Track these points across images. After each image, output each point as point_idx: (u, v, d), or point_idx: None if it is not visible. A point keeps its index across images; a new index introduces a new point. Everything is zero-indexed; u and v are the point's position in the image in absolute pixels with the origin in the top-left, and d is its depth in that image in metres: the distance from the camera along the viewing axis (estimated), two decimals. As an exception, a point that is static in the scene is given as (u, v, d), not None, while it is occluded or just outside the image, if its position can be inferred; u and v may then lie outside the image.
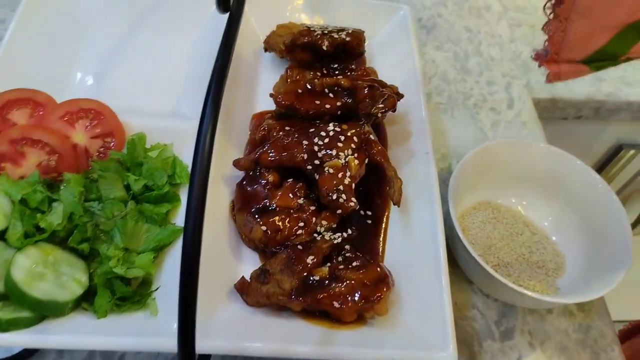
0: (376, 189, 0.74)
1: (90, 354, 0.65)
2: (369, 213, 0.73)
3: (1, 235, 0.60)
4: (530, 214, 0.82)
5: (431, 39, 1.10)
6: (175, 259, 0.65)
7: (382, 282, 0.61)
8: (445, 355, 0.58)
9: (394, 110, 0.75)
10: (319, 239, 0.66)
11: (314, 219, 0.67)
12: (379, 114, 0.72)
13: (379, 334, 0.62)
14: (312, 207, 0.67)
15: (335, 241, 0.66)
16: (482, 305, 0.74)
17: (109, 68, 0.84)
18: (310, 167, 0.68)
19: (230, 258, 0.68)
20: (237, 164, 0.71)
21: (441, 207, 0.70)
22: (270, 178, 0.69)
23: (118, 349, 0.57)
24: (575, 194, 0.78)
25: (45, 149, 0.67)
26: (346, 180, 0.66)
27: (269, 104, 0.79)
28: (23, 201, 0.62)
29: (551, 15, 0.46)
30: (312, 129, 0.72)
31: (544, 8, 0.48)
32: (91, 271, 0.62)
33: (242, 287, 0.63)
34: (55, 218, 0.61)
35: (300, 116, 0.75)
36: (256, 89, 0.87)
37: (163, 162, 0.69)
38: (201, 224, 0.41)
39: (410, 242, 0.70)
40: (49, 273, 0.59)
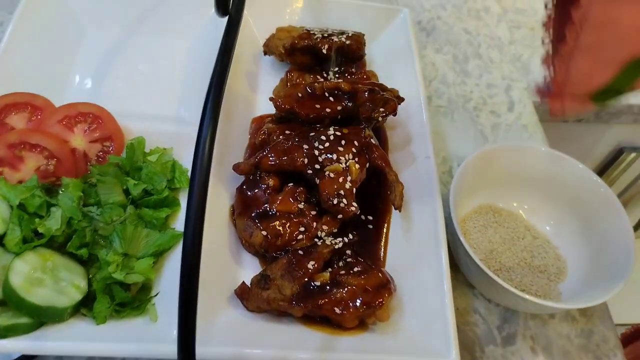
0: (377, 194, 0.73)
1: (89, 360, 0.65)
2: (370, 218, 0.72)
3: (-1, 241, 0.60)
4: (531, 217, 0.81)
5: (431, 41, 1.10)
6: (175, 264, 0.64)
7: (384, 288, 0.61)
8: (448, 362, 0.58)
9: (395, 114, 0.74)
10: (319, 244, 0.65)
11: (314, 223, 0.66)
12: (380, 118, 0.72)
13: (381, 340, 0.61)
14: (313, 212, 0.67)
15: (336, 246, 0.65)
16: (484, 310, 0.74)
17: (108, 71, 0.84)
18: (310, 172, 0.68)
19: (230, 263, 0.67)
20: (237, 168, 0.71)
21: (443, 212, 0.70)
22: (271, 182, 0.69)
23: (117, 356, 0.57)
24: (577, 197, 0.78)
25: (44, 154, 0.67)
26: (347, 184, 0.66)
27: (269, 108, 0.79)
28: (21, 206, 0.61)
29: (550, 50, 0.46)
30: (313, 133, 0.71)
31: (542, 42, 0.47)
32: (90, 277, 0.61)
33: (243, 293, 0.63)
34: (53, 223, 0.61)
35: (300, 120, 0.74)
36: (256, 92, 0.87)
37: (162, 167, 0.69)
38: (201, 229, 0.40)
39: (412, 247, 0.69)
40: (48, 279, 0.58)
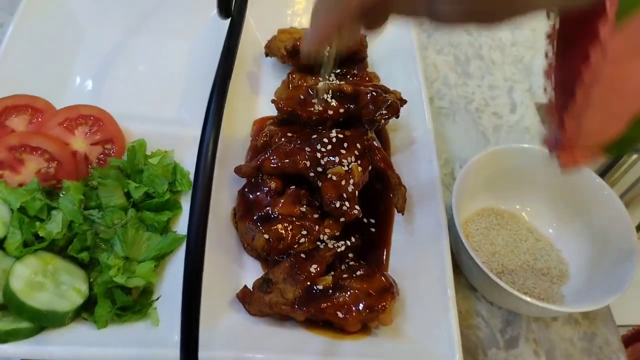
0: (380, 197, 0.73)
1: (91, 364, 0.64)
2: (373, 221, 0.72)
3: (0, 244, 0.59)
4: (534, 220, 0.81)
5: (432, 42, 1.10)
6: (177, 268, 0.64)
7: (387, 292, 0.61)
8: (451, 366, 0.57)
9: (397, 117, 0.74)
10: (322, 247, 0.65)
11: (317, 226, 0.66)
12: (382, 120, 0.72)
13: (384, 344, 0.61)
14: (315, 215, 0.66)
15: (338, 249, 0.65)
16: (487, 313, 0.74)
17: (109, 73, 0.83)
18: (312, 174, 0.67)
19: (232, 266, 0.67)
20: (239, 171, 0.70)
21: (445, 215, 0.69)
22: (273, 185, 0.68)
23: (119, 360, 0.57)
24: (580, 199, 0.77)
25: (45, 156, 0.67)
26: (349, 187, 0.66)
27: (271, 110, 0.79)
28: (22, 209, 0.61)
29: (553, 98, 0.45)
30: (315, 135, 0.71)
31: (544, 90, 0.47)
32: (91, 280, 0.61)
33: (245, 297, 0.63)
34: (54, 226, 0.60)
35: (302, 122, 0.74)
36: (257, 94, 0.86)
37: (164, 169, 0.69)
38: (204, 234, 0.40)
39: (415, 250, 0.69)
40: (49, 283, 0.58)
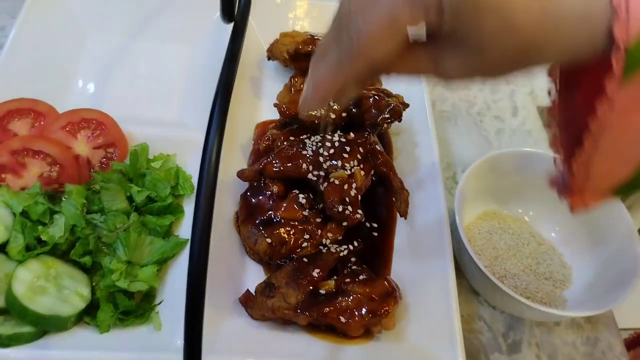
0: (382, 200, 0.73)
1: (93, 369, 0.64)
2: (375, 225, 0.72)
3: (2, 248, 0.59)
4: (536, 224, 0.81)
5: (434, 46, 1.10)
6: (179, 272, 0.64)
7: (390, 296, 0.60)
8: (454, 371, 0.57)
9: (400, 120, 0.74)
10: (324, 251, 0.65)
11: (319, 231, 0.65)
12: (385, 124, 0.72)
13: (387, 349, 0.61)
14: (318, 219, 0.66)
15: (341, 254, 0.65)
16: (489, 318, 0.73)
17: (111, 77, 0.83)
18: (315, 178, 0.67)
19: (234, 270, 0.67)
20: (242, 175, 0.70)
21: (448, 219, 0.69)
22: (275, 189, 0.68)
23: (121, 364, 0.57)
24: (582, 203, 0.77)
25: (47, 160, 0.66)
26: (352, 191, 0.65)
27: (273, 113, 0.78)
28: (24, 213, 0.61)
29: (557, 133, 0.46)
30: (317, 139, 0.71)
31: (547, 126, 0.47)
32: (93, 284, 0.61)
33: (247, 301, 0.63)
34: (57, 230, 0.60)
35: (304, 126, 0.74)
36: (259, 97, 0.86)
37: (166, 173, 0.69)
38: (208, 239, 0.40)
39: (418, 255, 0.69)
40: (51, 287, 0.58)
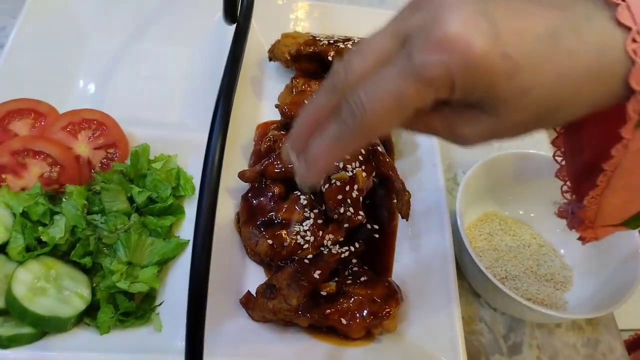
0: (383, 202, 0.73)
1: (93, 370, 0.64)
2: (377, 227, 0.71)
3: (2, 249, 0.59)
4: (537, 225, 0.81)
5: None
6: (180, 273, 0.63)
7: (391, 298, 0.60)
8: (456, 373, 0.57)
9: (401, 122, 0.74)
10: (325, 253, 0.65)
11: (320, 232, 0.65)
12: (386, 126, 0.71)
13: (388, 351, 0.61)
14: (319, 220, 0.66)
15: (342, 255, 0.65)
16: (490, 319, 0.73)
17: (112, 77, 0.83)
18: (316, 180, 0.67)
19: (235, 272, 0.67)
20: (243, 176, 0.70)
21: (450, 220, 0.69)
22: (276, 190, 0.68)
23: (121, 366, 0.56)
24: (583, 205, 0.77)
25: (47, 161, 0.66)
26: (353, 193, 0.65)
27: (274, 114, 0.78)
28: (24, 214, 0.61)
29: (564, 162, 0.46)
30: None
31: (553, 156, 0.47)
32: (94, 285, 0.60)
33: (248, 302, 0.62)
34: (57, 231, 0.60)
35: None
36: (260, 98, 0.86)
37: (167, 174, 0.68)
38: (210, 241, 0.40)
39: (419, 256, 0.69)
40: (51, 288, 0.58)
